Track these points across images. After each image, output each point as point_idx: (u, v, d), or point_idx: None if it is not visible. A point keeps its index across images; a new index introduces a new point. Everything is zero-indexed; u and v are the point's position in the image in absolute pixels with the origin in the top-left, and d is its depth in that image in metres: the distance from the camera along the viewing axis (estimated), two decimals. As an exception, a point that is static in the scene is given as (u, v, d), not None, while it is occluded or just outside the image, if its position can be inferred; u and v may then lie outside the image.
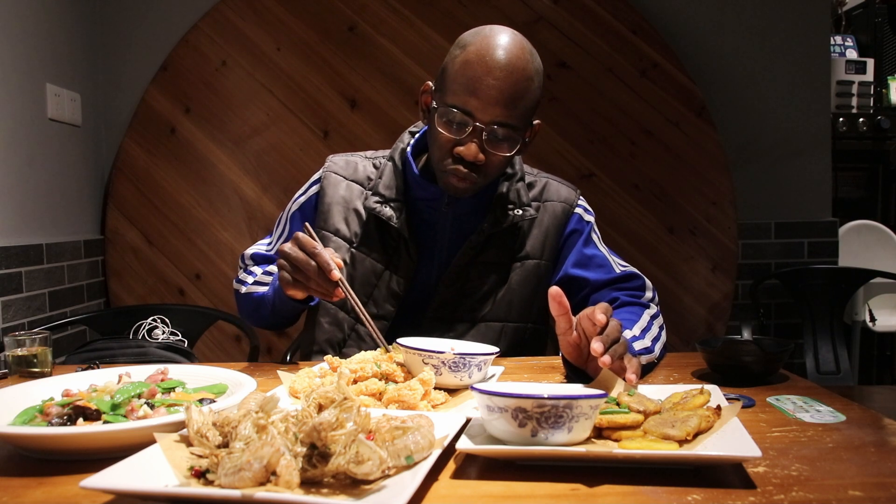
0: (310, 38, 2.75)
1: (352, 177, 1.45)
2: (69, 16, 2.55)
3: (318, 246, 1.15)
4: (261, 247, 1.52)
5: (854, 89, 3.26)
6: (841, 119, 3.20)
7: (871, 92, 3.28)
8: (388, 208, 1.37)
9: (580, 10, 2.75)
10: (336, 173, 1.46)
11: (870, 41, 3.42)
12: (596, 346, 0.97)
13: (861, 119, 3.24)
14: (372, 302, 1.39)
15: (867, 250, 3.06)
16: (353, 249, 1.41)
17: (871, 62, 3.29)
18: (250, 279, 1.47)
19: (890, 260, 3.02)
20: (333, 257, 1.15)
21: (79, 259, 2.55)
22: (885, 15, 3.41)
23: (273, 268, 1.47)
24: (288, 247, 1.17)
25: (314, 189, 1.47)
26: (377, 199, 1.38)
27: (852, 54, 3.40)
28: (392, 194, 1.38)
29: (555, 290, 1.04)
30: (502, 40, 1.25)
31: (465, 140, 1.25)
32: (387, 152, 1.47)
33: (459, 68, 1.25)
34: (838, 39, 3.40)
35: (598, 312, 1.01)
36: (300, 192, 1.50)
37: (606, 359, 0.96)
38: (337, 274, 1.14)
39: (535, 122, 1.35)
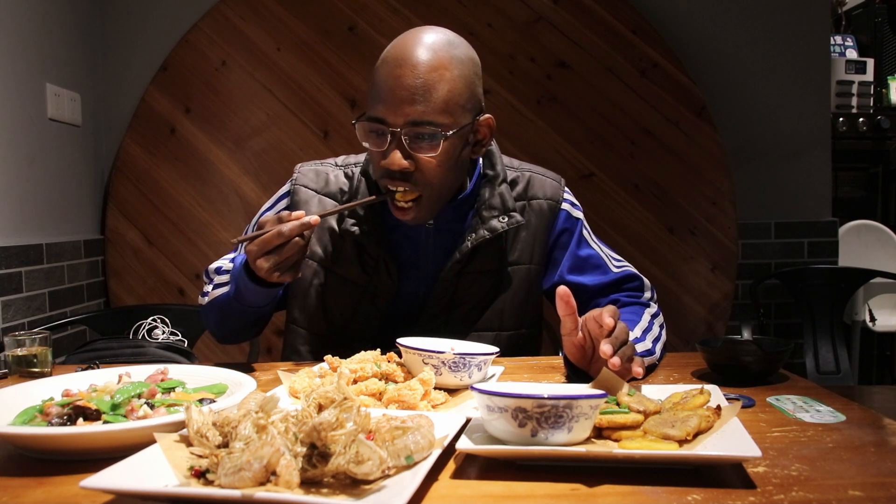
0: (310, 38, 2.75)
1: (324, 190, 1.38)
2: (69, 16, 2.55)
3: (276, 230, 1.10)
4: (225, 261, 1.42)
5: (854, 89, 3.26)
6: (841, 119, 3.20)
7: (871, 92, 3.28)
8: (364, 227, 1.30)
9: (580, 10, 2.75)
10: (306, 186, 1.38)
11: (870, 41, 3.42)
12: (605, 347, 0.96)
13: (861, 119, 3.24)
14: (355, 322, 1.34)
15: (867, 250, 3.06)
16: (330, 271, 1.35)
17: (871, 62, 3.29)
18: (210, 287, 1.38)
19: (890, 260, 3.02)
20: (289, 219, 1.11)
21: (79, 259, 2.55)
22: (885, 15, 3.41)
23: (228, 265, 1.39)
24: (265, 266, 1.11)
25: (283, 203, 1.40)
26: (353, 220, 1.31)
27: (852, 54, 3.40)
28: (367, 213, 1.31)
29: (563, 289, 1.03)
30: (408, 39, 1.20)
31: (388, 150, 1.18)
32: (359, 158, 1.40)
33: (371, 80, 1.22)
34: (838, 39, 3.40)
35: (607, 316, 1.00)
36: (267, 204, 1.42)
37: (616, 360, 0.95)
38: (315, 218, 1.11)
39: (485, 116, 1.26)
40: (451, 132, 1.19)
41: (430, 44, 1.19)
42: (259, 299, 1.26)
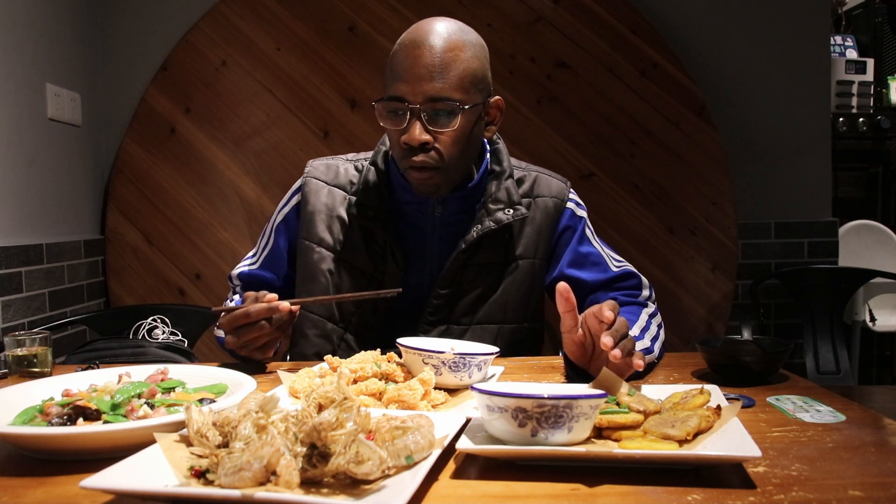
0: (310, 38, 2.75)
1: (333, 182, 1.42)
2: (69, 16, 2.55)
3: (243, 309, 1.16)
4: (246, 264, 1.48)
5: (854, 89, 3.26)
6: (841, 119, 3.20)
7: (871, 92, 3.29)
8: (372, 214, 1.35)
9: (580, 10, 2.75)
10: (317, 178, 1.43)
11: (870, 41, 3.42)
12: (606, 339, 0.96)
13: (861, 119, 3.24)
14: (361, 309, 1.37)
15: (867, 250, 3.06)
16: (338, 258, 1.38)
17: (871, 62, 3.29)
18: (216, 327, 1.42)
19: (890, 260, 3.02)
20: (261, 299, 1.17)
21: (79, 259, 2.55)
22: (885, 15, 3.41)
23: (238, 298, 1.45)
24: (232, 342, 1.18)
25: (296, 198, 1.44)
26: (361, 206, 1.36)
27: (852, 54, 3.40)
28: (376, 201, 1.36)
29: (563, 286, 1.03)
30: (424, 26, 1.27)
31: (408, 127, 1.24)
32: (369, 154, 1.44)
33: (388, 64, 1.29)
34: (838, 39, 3.40)
35: (606, 309, 1.00)
36: (283, 202, 1.47)
37: (617, 352, 0.95)
38: (285, 305, 1.18)
39: (494, 98, 1.33)
40: (466, 107, 1.25)
41: (445, 28, 1.27)
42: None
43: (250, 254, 1.50)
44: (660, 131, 2.76)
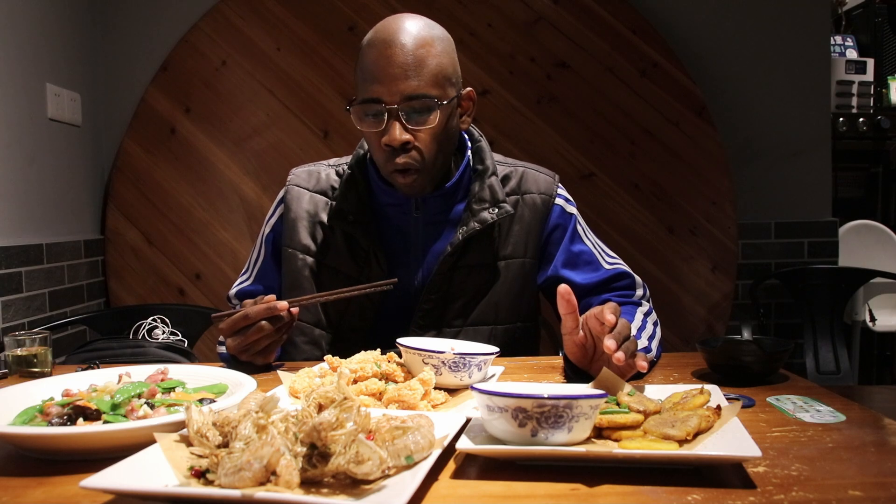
0: (310, 38, 2.75)
1: (315, 188, 1.42)
2: (69, 16, 2.55)
3: (242, 312, 1.17)
4: (240, 281, 1.47)
5: (854, 89, 3.26)
6: (841, 119, 3.20)
7: (871, 92, 3.29)
8: (352, 219, 1.34)
9: (580, 10, 2.75)
10: (298, 186, 1.42)
11: (870, 41, 3.42)
12: (609, 343, 0.95)
13: (861, 119, 3.24)
14: (349, 314, 1.36)
15: (867, 250, 3.06)
16: (322, 264, 1.37)
17: (871, 62, 3.29)
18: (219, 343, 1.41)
19: (890, 260, 3.02)
20: (260, 303, 1.17)
21: (79, 259, 2.55)
22: (885, 15, 3.42)
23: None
24: (232, 345, 1.18)
25: (280, 208, 1.44)
26: (341, 211, 1.35)
27: (852, 54, 3.40)
28: (355, 205, 1.35)
29: (564, 288, 1.03)
30: (391, 24, 1.26)
31: (387, 128, 1.24)
32: (350, 158, 1.44)
33: (358, 65, 1.28)
34: (838, 39, 3.40)
35: (608, 313, 1.00)
36: (269, 213, 1.46)
37: (620, 355, 0.95)
38: (283, 304, 1.17)
39: (466, 89, 1.33)
40: (444, 102, 1.26)
41: (413, 25, 1.27)
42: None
43: (244, 270, 1.49)
44: (660, 131, 2.76)
